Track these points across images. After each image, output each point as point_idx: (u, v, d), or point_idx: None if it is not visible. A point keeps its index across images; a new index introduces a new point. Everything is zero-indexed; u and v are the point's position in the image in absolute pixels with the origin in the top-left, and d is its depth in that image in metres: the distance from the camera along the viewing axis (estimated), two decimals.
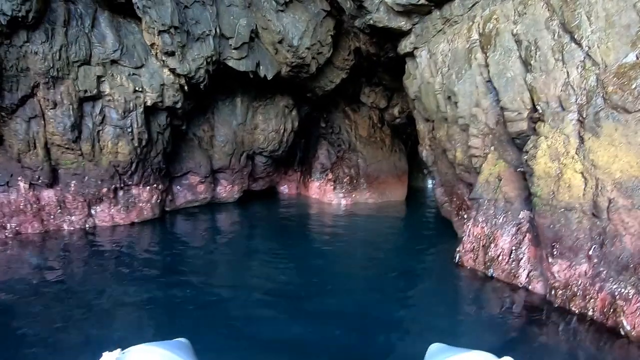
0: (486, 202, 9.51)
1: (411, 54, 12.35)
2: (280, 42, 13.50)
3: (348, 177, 19.25)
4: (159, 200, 13.76)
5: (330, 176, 19.54)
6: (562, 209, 7.30)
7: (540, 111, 7.85)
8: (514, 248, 8.75)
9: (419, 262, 10.82)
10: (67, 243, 10.62)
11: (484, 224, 9.43)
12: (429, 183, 23.88)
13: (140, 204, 13.15)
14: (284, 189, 21.37)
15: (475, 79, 9.87)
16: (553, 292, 7.44)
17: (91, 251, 10.20)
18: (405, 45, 12.28)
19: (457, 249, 10.00)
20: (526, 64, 8.28)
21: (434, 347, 1.75)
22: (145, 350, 1.52)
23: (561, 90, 7.49)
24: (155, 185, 13.55)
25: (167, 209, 14.81)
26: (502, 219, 9.10)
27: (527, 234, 8.57)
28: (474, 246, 9.59)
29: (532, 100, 8.15)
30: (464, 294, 8.84)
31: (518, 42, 8.47)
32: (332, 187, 19.37)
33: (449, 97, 10.83)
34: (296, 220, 15.80)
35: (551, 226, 7.45)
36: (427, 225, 15.04)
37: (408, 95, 13.45)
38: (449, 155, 11.51)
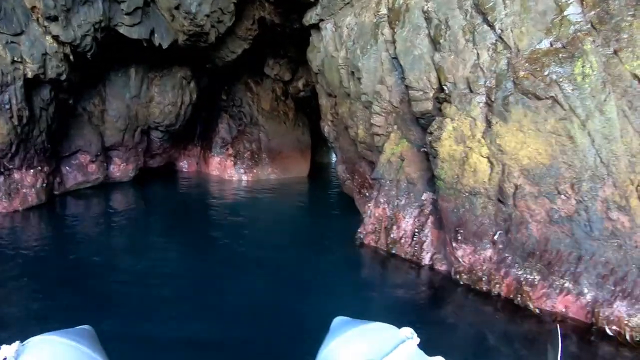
0: (388, 182, 9.31)
1: (316, 26, 11.89)
2: (176, 7, 12.53)
3: (249, 152, 18.66)
4: (44, 184, 12.43)
5: (230, 151, 18.84)
6: (467, 194, 7.16)
7: (447, 92, 7.62)
8: (416, 230, 8.62)
9: (320, 242, 10.54)
10: None
11: (385, 205, 9.24)
12: (333, 158, 23.73)
13: (24, 190, 11.77)
14: (184, 165, 20.37)
15: (381, 55, 9.56)
16: (457, 275, 7.36)
17: None
18: (310, 17, 11.82)
19: (359, 230, 9.77)
20: (435, 43, 8.02)
21: (338, 320, 1.75)
22: (46, 340, 1.41)
23: (470, 72, 7.28)
24: (39, 167, 12.17)
25: (56, 192, 13.45)
26: (405, 201, 8.94)
27: (430, 217, 8.46)
28: (375, 227, 9.40)
29: (439, 80, 7.91)
30: (367, 274, 8.76)
31: (428, 19, 8.19)
32: (233, 162, 18.71)
33: (353, 73, 10.50)
34: (194, 199, 15.26)
35: (455, 210, 7.31)
36: (330, 203, 14.89)
37: (312, 69, 13.02)
38: (350, 132, 11.24)
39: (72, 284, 7.40)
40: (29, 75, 10.86)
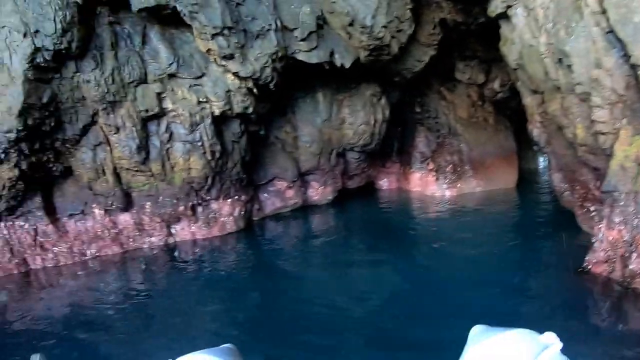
0: (623, 195, 7.34)
1: (504, 15, 10.24)
2: (351, 24, 11.78)
3: (451, 165, 17.26)
4: (242, 212, 13.37)
5: (431, 165, 17.62)
6: None
7: None
8: None
9: (537, 270, 9.45)
10: (148, 264, 10.87)
11: (621, 226, 7.24)
12: (541, 163, 21.22)
13: (222, 219, 12.87)
14: (384, 183, 19.60)
15: (591, 32, 7.69)
16: None
17: (171, 269, 10.60)
18: (495, 6, 10.24)
19: (587, 258, 7.81)
20: None
21: (476, 329, 1.70)
22: (194, 358, 1.56)
23: None
24: (236, 197, 13.14)
25: (254, 218, 14.35)
26: None
27: None
28: (609, 255, 7.40)
29: None
30: (594, 313, 7.22)
31: None
32: (435, 177, 17.45)
33: (560, 60, 8.68)
34: (395, 219, 14.78)
35: None
36: (545, 220, 13.07)
37: (508, 65, 11.38)
38: (566, 133, 9.43)
39: (269, 305, 8.01)
40: (216, 112, 11.77)
